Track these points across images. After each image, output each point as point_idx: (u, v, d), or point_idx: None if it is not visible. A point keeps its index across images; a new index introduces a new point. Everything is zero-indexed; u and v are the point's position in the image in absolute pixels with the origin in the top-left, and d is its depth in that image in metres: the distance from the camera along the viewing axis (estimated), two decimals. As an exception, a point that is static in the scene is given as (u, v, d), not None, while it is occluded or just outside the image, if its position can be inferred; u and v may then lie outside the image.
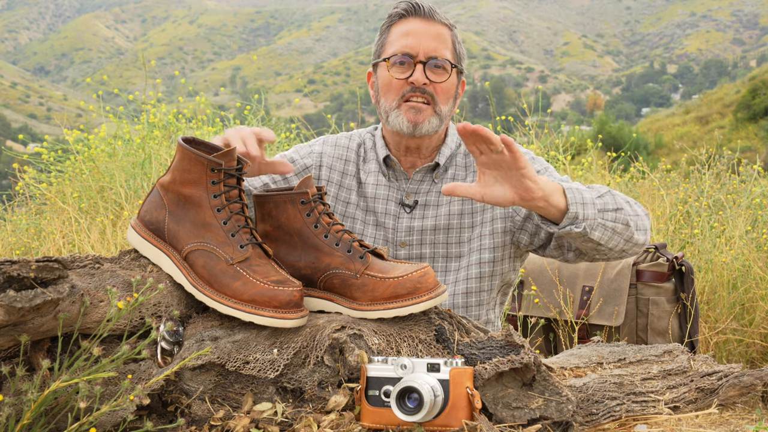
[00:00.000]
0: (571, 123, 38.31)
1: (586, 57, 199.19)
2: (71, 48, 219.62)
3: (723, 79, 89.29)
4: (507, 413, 1.23)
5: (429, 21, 1.92)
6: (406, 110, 1.89)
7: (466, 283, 1.96)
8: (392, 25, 1.95)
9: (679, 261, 2.47)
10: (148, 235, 1.38)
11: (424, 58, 1.88)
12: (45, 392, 1.06)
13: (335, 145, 2.07)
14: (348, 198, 2.01)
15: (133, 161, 4.52)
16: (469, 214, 1.97)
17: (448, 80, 1.91)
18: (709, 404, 1.40)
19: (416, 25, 1.91)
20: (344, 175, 2.03)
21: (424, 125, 1.90)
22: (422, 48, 1.88)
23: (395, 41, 1.92)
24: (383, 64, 1.93)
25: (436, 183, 1.99)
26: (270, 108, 6.91)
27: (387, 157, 2.00)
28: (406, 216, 1.97)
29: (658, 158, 9.99)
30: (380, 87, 1.96)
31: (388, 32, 1.96)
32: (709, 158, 4.82)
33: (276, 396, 1.26)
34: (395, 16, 1.95)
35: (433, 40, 1.90)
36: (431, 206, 1.97)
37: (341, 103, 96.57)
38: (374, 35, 2.06)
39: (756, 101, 27.17)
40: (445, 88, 1.91)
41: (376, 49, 2.00)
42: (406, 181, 1.99)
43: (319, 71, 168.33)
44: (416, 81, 1.88)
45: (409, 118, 1.89)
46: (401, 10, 1.94)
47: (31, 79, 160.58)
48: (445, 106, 1.92)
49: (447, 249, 1.96)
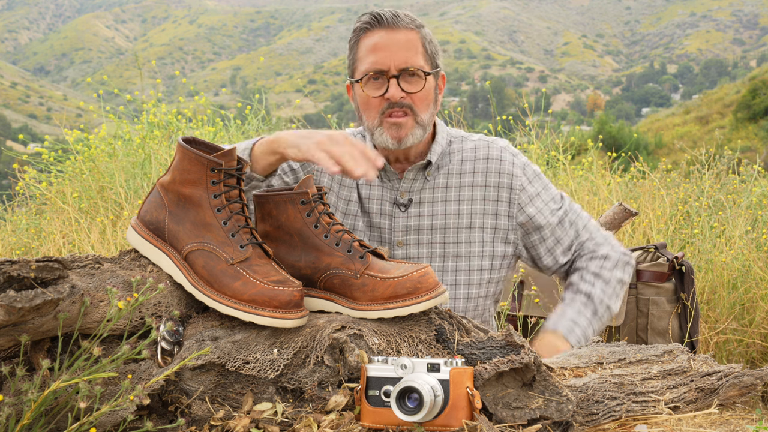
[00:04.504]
0: (571, 123, 38.32)
1: (586, 57, 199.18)
2: (71, 48, 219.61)
3: (723, 79, 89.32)
4: (507, 413, 1.23)
5: (393, 29, 1.87)
6: (388, 128, 1.88)
7: (468, 288, 1.96)
8: (359, 40, 1.91)
9: (679, 261, 2.47)
10: (148, 235, 1.38)
11: (396, 71, 1.85)
12: (45, 392, 1.06)
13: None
14: (349, 196, 2.00)
15: (133, 161, 4.52)
16: (467, 214, 1.95)
17: (424, 87, 1.88)
18: (709, 404, 1.40)
19: (381, 37, 1.86)
20: (333, 179, 2.01)
21: (408, 138, 1.88)
22: (392, 61, 1.85)
23: (364, 58, 1.88)
24: (357, 85, 1.91)
25: (429, 180, 1.97)
26: (270, 108, 6.91)
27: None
28: (401, 215, 1.96)
29: (658, 158, 9.99)
30: (359, 105, 1.94)
31: (356, 48, 1.92)
32: (709, 158, 4.82)
33: (276, 396, 1.26)
34: (360, 30, 1.91)
35: (402, 49, 1.86)
36: (426, 203, 1.96)
37: (341, 103, 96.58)
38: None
39: (756, 101, 27.16)
40: (422, 96, 1.88)
41: (348, 64, 1.96)
42: (398, 180, 1.98)
43: (319, 71, 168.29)
44: (392, 97, 1.85)
45: (392, 135, 1.87)
46: (364, 23, 1.90)
47: (31, 79, 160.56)
48: (425, 114, 1.90)
49: (444, 249, 1.95)
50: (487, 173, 1.96)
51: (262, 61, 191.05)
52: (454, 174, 1.97)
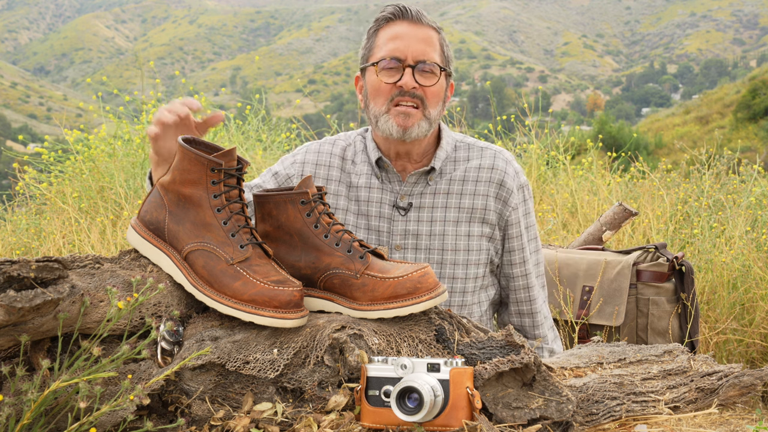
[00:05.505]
0: (571, 123, 38.30)
1: (586, 57, 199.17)
2: (71, 48, 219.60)
3: (723, 79, 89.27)
4: (507, 413, 1.23)
5: (417, 24, 1.91)
6: (395, 115, 1.88)
7: (463, 297, 1.95)
8: (380, 29, 1.94)
9: (679, 261, 2.47)
10: (148, 235, 1.38)
11: (413, 62, 1.88)
12: (45, 392, 1.06)
13: (318, 152, 2.05)
14: (336, 204, 1.99)
15: (133, 161, 4.53)
16: (466, 222, 1.95)
17: (437, 83, 1.91)
18: (709, 404, 1.40)
19: (404, 28, 1.90)
20: (328, 181, 2.01)
21: (414, 129, 1.88)
22: (411, 52, 1.88)
23: (383, 45, 1.91)
24: (372, 69, 1.92)
25: (431, 185, 1.96)
26: (270, 108, 6.91)
27: (379, 159, 1.98)
28: (400, 219, 1.95)
29: (658, 158, 9.98)
30: (369, 91, 1.94)
31: (375, 36, 1.94)
32: (709, 158, 4.82)
33: (276, 396, 1.26)
34: (382, 20, 1.94)
35: (422, 43, 1.89)
36: (426, 209, 1.95)
37: (341, 103, 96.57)
38: (374, 36, 2.04)
39: (756, 101, 27.14)
40: (434, 91, 1.91)
41: (363, 53, 1.98)
42: (399, 183, 1.97)
43: (319, 71, 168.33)
44: (405, 85, 1.87)
45: (399, 122, 1.88)
46: (388, 13, 1.93)
47: (31, 79, 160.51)
48: (434, 110, 1.91)
49: (442, 255, 1.94)
50: (489, 183, 1.96)
51: (259, 61, 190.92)
52: (457, 181, 1.97)
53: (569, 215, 4.54)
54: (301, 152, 2.08)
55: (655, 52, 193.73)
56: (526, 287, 2.02)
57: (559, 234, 4.11)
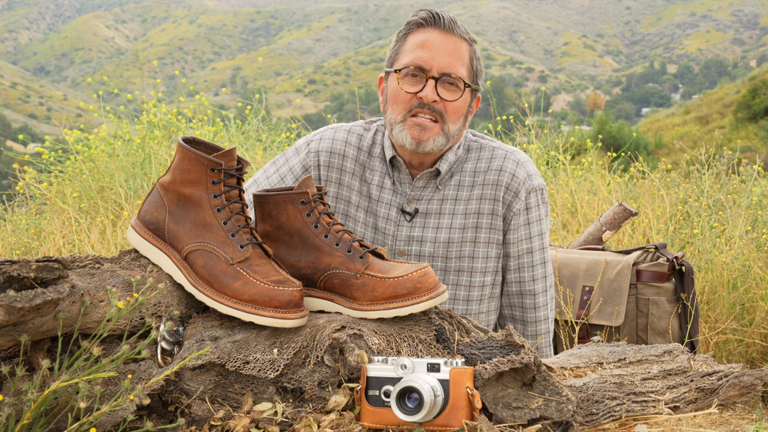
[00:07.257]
0: (571, 123, 38.28)
1: (586, 57, 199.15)
2: (71, 48, 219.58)
3: (723, 79, 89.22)
4: (507, 413, 1.23)
5: (448, 34, 1.83)
6: (410, 126, 1.82)
7: (467, 305, 1.92)
8: (409, 33, 1.86)
9: (679, 261, 2.47)
10: (148, 235, 1.39)
11: (437, 74, 1.80)
12: (45, 392, 1.06)
13: (333, 139, 1.98)
14: (349, 197, 1.95)
15: (133, 161, 4.53)
16: (472, 228, 1.90)
17: (459, 99, 1.83)
18: (709, 404, 1.40)
19: (434, 36, 1.82)
20: (343, 172, 1.96)
21: (428, 143, 1.82)
22: (436, 63, 1.80)
23: (410, 51, 1.83)
24: (394, 75, 1.85)
25: (440, 190, 1.91)
26: (270, 108, 6.91)
27: (393, 158, 1.93)
28: (406, 224, 1.91)
29: (658, 158, 9.99)
30: (389, 97, 1.87)
31: (404, 40, 1.87)
32: (709, 158, 4.81)
33: (276, 396, 1.26)
34: (413, 25, 1.86)
35: (450, 55, 1.81)
36: (432, 215, 1.91)
37: (341, 103, 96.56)
38: (374, 35, 2.05)
39: (756, 101, 27.13)
40: (456, 107, 1.83)
41: (390, 55, 1.91)
42: (409, 185, 1.93)
43: (319, 71, 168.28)
44: (425, 97, 1.80)
45: (413, 135, 1.81)
46: (420, 18, 1.85)
47: (31, 79, 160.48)
48: (454, 125, 1.84)
49: (446, 263, 1.90)
50: (496, 186, 1.90)
51: (261, 61, 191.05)
52: (466, 186, 1.91)
53: (569, 215, 4.54)
54: (315, 139, 2.00)
55: (655, 52, 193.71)
56: (520, 294, 1.96)
57: (559, 234, 4.11)
